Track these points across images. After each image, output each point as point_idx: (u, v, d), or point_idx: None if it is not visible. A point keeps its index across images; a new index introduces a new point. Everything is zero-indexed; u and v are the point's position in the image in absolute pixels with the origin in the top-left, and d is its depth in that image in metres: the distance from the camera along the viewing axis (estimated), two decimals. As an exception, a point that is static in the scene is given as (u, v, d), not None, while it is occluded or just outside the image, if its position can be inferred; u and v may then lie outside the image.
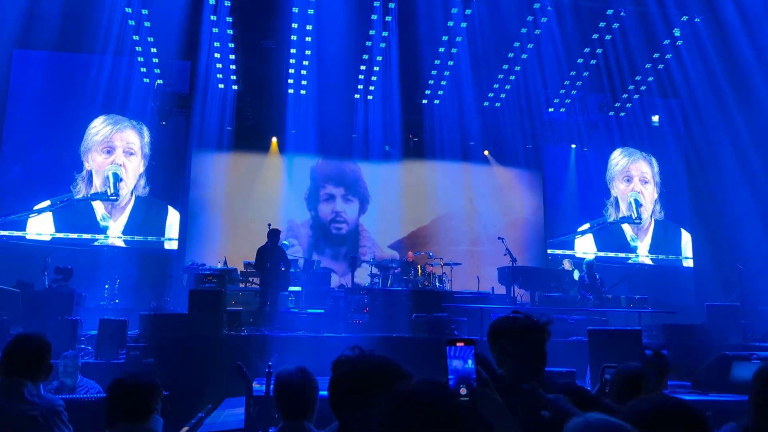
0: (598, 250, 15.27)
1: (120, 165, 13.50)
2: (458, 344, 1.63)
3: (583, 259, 12.54)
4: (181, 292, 11.09)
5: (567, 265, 13.34)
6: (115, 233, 13.29)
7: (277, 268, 9.53)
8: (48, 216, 12.99)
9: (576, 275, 11.90)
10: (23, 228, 12.84)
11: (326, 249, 14.31)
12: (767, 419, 2.28)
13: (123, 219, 13.38)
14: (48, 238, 12.91)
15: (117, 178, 13.38)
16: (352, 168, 14.77)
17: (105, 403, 2.56)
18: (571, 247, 15.28)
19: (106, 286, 11.52)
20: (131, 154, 13.63)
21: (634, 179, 15.87)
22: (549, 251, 15.05)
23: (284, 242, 10.75)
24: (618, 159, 15.91)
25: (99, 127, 13.51)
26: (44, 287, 9.52)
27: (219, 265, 11.49)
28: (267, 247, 9.65)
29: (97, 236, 13.18)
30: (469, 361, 1.61)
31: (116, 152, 13.53)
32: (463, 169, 14.95)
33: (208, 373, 7.19)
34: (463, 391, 1.56)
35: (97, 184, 13.32)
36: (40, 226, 12.94)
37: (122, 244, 13.30)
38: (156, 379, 2.60)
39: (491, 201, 14.89)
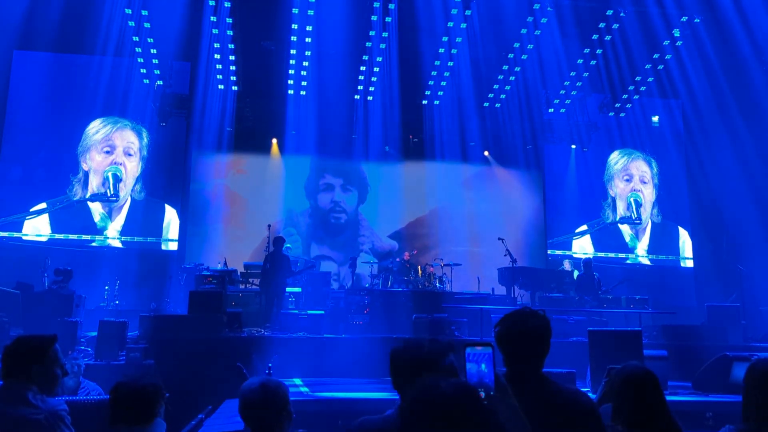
0: (596, 250, 15.26)
1: (120, 164, 13.50)
2: (477, 347, 1.65)
3: (581, 259, 12.55)
4: (181, 293, 11.08)
5: (567, 265, 13.34)
6: (112, 234, 13.29)
7: (279, 272, 9.59)
8: (44, 218, 12.98)
9: (576, 275, 11.90)
10: (19, 229, 12.84)
11: (325, 238, 14.34)
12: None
13: (120, 220, 13.37)
14: (45, 239, 12.90)
15: (117, 179, 13.38)
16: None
17: (107, 406, 2.55)
18: (569, 248, 15.29)
19: (106, 288, 11.50)
20: (130, 155, 13.64)
21: (634, 178, 15.87)
22: (549, 251, 15.06)
23: (287, 245, 10.82)
24: (617, 158, 15.93)
25: (98, 127, 13.52)
26: (44, 289, 9.49)
27: (219, 266, 11.48)
28: (270, 253, 9.92)
29: (96, 237, 13.18)
30: (483, 365, 1.62)
31: (116, 151, 13.53)
32: (463, 169, 14.96)
33: (208, 375, 7.18)
34: (481, 394, 1.57)
35: (95, 185, 13.31)
36: (37, 228, 12.93)
37: (119, 245, 13.30)
38: (159, 382, 2.60)
39: (491, 201, 14.87)
